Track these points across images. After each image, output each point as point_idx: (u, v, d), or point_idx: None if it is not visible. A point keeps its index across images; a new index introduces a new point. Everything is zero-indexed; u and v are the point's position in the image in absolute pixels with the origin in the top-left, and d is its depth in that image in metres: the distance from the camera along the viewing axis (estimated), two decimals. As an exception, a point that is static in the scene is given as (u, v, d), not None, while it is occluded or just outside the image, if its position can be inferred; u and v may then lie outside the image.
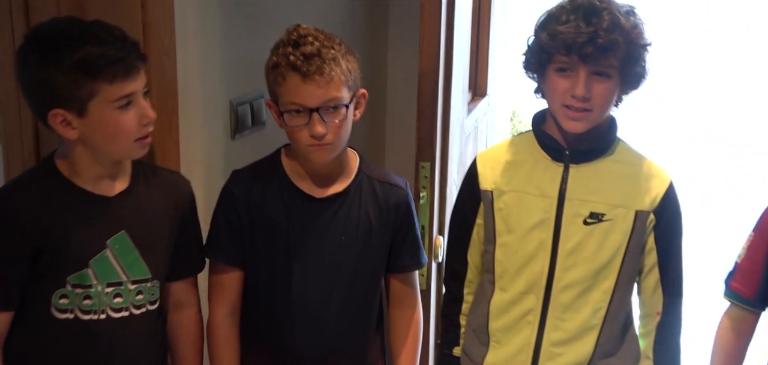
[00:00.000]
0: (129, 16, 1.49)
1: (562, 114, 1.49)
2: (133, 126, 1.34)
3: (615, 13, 1.44)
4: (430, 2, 1.82)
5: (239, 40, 1.88)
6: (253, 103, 1.93)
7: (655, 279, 1.57)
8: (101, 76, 1.29)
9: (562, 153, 1.54)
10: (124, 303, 1.42)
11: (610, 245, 1.52)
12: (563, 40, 1.43)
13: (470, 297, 1.69)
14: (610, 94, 1.48)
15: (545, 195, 1.54)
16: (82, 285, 1.38)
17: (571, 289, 1.54)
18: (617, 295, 1.55)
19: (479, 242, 1.64)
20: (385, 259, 1.63)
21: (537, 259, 1.55)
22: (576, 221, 1.52)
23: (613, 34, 1.42)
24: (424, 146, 1.92)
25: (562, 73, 1.47)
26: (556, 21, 1.46)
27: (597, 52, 1.42)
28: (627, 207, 1.52)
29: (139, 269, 1.43)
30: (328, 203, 1.56)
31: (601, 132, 1.54)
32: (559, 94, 1.47)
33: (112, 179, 1.41)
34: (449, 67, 1.95)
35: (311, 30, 1.48)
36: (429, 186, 1.93)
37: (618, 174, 1.54)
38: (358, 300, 1.62)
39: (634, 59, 1.47)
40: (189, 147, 1.70)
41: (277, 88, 1.48)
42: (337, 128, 1.48)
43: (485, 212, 1.61)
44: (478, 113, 2.73)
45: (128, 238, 1.41)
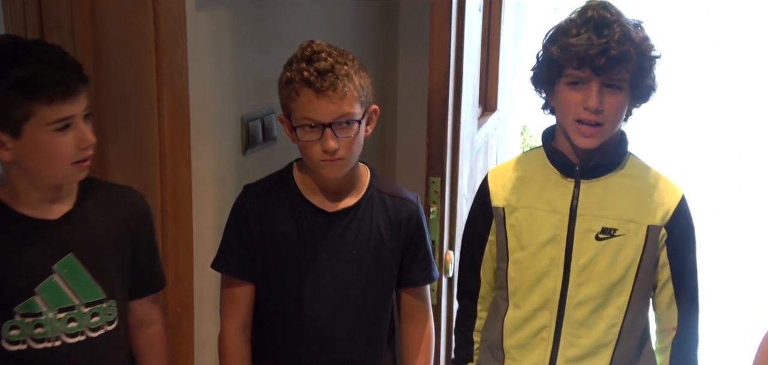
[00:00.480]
0: (142, 35, 1.51)
1: (574, 129, 1.48)
2: (70, 150, 1.29)
3: (625, 25, 1.44)
4: (439, 18, 1.83)
5: (250, 56, 1.89)
6: (263, 118, 1.95)
7: (669, 294, 1.56)
8: (38, 97, 1.24)
9: (573, 169, 1.54)
10: (79, 327, 1.37)
11: (622, 260, 1.51)
12: (576, 52, 1.43)
13: (484, 312, 1.69)
14: (622, 107, 1.48)
15: (556, 211, 1.53)
16: (31, 313, 1.33)
17: (584, 305, 1.53)
18: (632, 311, 1.54)
19: (492, 259, 1.64)
20: (396, 273, 1.63)
21: (550, 275, 1.54)
22: (588, 236, 1.52)
23: (625, 45, 1.42)
24: (434, 161, 1.92)
25: (573, 86, 1.46)
26: (566, 34, 1.46)
27: (610, 64, 1.42)
28: (639, 222, 1.51)
29: (91, 290, 1.38)
30: (340, 217, 1.57)
31: (611, 147, 1.53)
32: (572, 107, 1.47)
33: (54, 202, 1.35)
34: (459, 83, 1.96)
35: (325, 46, 1.49)
36: (439, 201, 1.93)
37: (629, 189, 1.53)
38: (369, 313, 1.62)
39: (645, 71, 1.47)
40: (200, 163, 1.71)
41: (291, 103, 1.49)
42: (349, 144, 1.48)
43: (497, 229, 1.60)
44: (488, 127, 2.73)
45: (76, 260, 1.35)
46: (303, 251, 1.56)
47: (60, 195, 1.36)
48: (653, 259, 1.53)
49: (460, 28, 1.91)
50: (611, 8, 1.46)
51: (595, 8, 1.45)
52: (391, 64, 2.74)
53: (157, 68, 1.53)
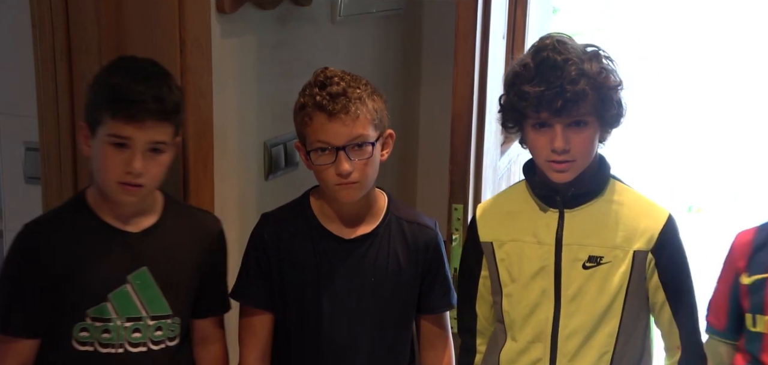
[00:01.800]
0: (168, 59, 1.52)
1: (548, 168, 1.48)
2: (118, 168, 1.34)
3: (578, 62, 1.42)
4: (463, 46, 1.84)
5: (273, 82, 1.90)
6: (286, 144, 1.95)
7: (668, 316, 1.54)
8: (109, 107, 1.33)
9: (555, 199, 1.53)
10: (143, 338, 1.43)
11: (609, 288, 1.50)
12: (531, 99, 1.43)
13: (483, 347, 1.67)
14: (590, 141, 1.47)
15: (542, 243, 1.52)
16: (101, 318, 1.40)
17: (576, 336, 1.52)
18: (622, 338, 1.52)
19: (487, 294, 1.63)
20: (415, 300, 1.62)
21: (541, 307, 1.53)
22: (576, 266, 1.51)
23: (579, 84, 1.41)
24: (457, 188, 1.92)
25: (539, 129, 1.46)
26: (522, 80, 1.45)
27: (567, 105, 1.41)
28: (624, 248, 1.50)
29: (159, 305, 1.44)
30: (357, 245, 1.56)
31: (589, 175, 1.52)
32: (540, 149, 1.47)
33: (137, 215, 1.43)
34: (483, 110, 1.96)
35: (338, 72, 1.50)
36: (461, 228, 1.92)
37: (613, 215, 1.52)
38: (389, 341, 1.61)
39: (607, 103, 1.46)
40: (223, 187, 1.72)
41: (304, 128, 1.50)
42: (363, 166, 1.48)
43: (488, 263, 1.60)
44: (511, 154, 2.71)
45: (149, 274, 1.42)
46: (321, 279, 1.55)
47: (144, 209, 1.43)
48: (642, 284, 1.52)
49: (483, 55, 1.91)
50: (563, 47, 1.44)
51: (547, 49, 1.44)
52: (414, 89, 2.75)
53: (183, 93, 1.53)
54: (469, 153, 1.90)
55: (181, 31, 1.51)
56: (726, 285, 1.58)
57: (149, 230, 1.44)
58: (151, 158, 1.36)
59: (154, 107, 1.33)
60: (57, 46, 1.55)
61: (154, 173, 1.38)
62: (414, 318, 1.65)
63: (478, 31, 1.84)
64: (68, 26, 1.54)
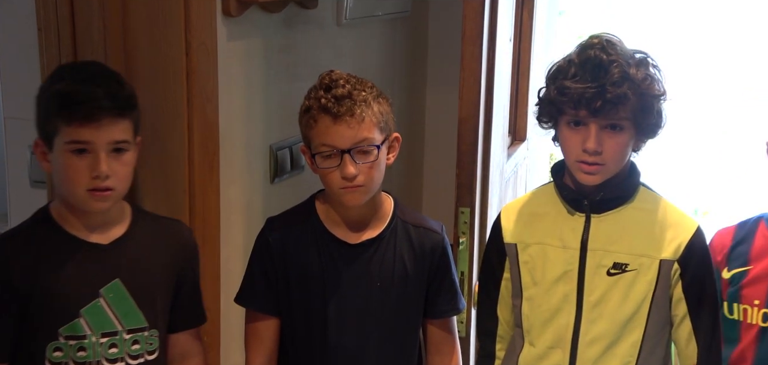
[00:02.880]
0: (173, 64, 1.52)
1: (577, 168, 1.47)
2: (83, 175, 1.30)
3: (624, 65, 1.41)
4: (470, 49, 1.82)
5: (279, 85, 1.90)
6: (292, 147, 1.94)
7: (687, 330, 1.51)
8: (62, 114, 1.28)
9: (582, 203, 1.52)
10: (120, 353, 1.38)
11: (634, 296, 1.48)
12: (572, 95, 1.42)
13: (502, 352, 1.66)
14: (624, 147, 1.46)
15: (567, 247, 1.51)
16: (75, 336, 1.35)
17: (597, 343, 1.50)
18: (646, 348, 1.50)
19: (508, 297, 1.62)
20: (421, 304, 1.61)
21: (562, 312, 1.52)
22: (600, 272, 1.49)
23: (622, 87, 1.40)
24: (463, 191, 1.90)
25: (573, 127, 1.45)
26: (564, 75, 1.44)
27: (606, 106, 1.40)
28: (651, 256, 1.48)
29: (134, 318, 1.39)
30: (363, 249, 1.55)
31: (619, 180, 1.50)
32: (573, 148, 1.46)
33: (105, 227, 1.38)
34: (489, 114, 1.95)
35: (343, 74, 1.50)
36: (468, 232, 1.91)
37: (641, 222, 1.50)
38: (396, 346, 1.60)
39: (647, 110, 1.44)
40: (229, 191, 1.71)
41: (309, 131, 1.49)
42: (368, 170, 1.47)
43: (511, 266, 1.59)
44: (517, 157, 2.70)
45: (123, 286, 1.38)
46: (326, 284, 1.54)
47: (111, 219, 1.39)
48: (666, 294, 1.50)
49: (490, 58, 1.90)
50: (610, 48, 1.43)
51: (594, 48, 1.43)
52: (420, 92, 2.74)
53: (188, 97, 1.54)
54: (475, 157, 1.89)
55: (187, 34, 1.50)
56: None
57: (120, 241, 1.39)
58: (115, 158, 1.32)
59: (108, 104, 1.29)
60: (63, 51, 1.54)
61: (122, 175, 1.34)
62: (421, 323, 1.64)
63: (485, 33, 1.83)
64: (74, 31, 1.54)
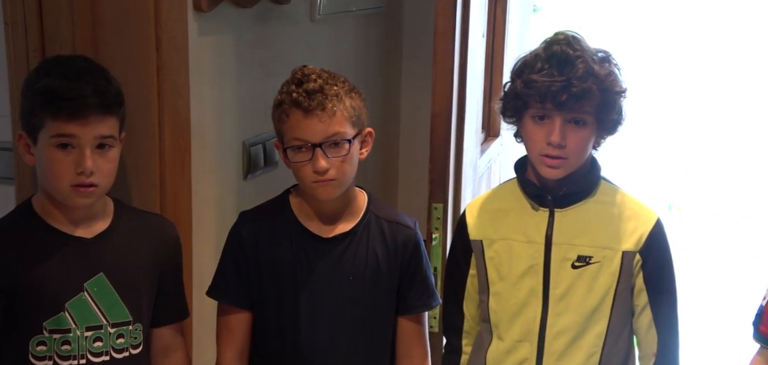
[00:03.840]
0: (143, 58, 1.51)
1: (540, 162, 1.50)
2: (67, 170, 1.30)
3: (588, 61, 1.44)
4: (443, 45, 1.83)
5: (252, 81, 1.89)
6: (265, 143, 1.94)
7: (647, 320, 1.55)
8: (48, 108, 1.29)
9: (545, 198, 1.54)
10: (104, 346, 1.39)
11: (599, 288, 1.51)
12: (538, 88, 1.44)
13: (469, 347, 1.67)
14: (586, 141, 1.49)
15: (532, 241, 1.53)
16: (59, 329, 1.35)
17: (563, 335, 1.52)
18: (610, 338, 1.53)
19: (474, 293, 1.63)
20: (394, 299, 1.61)
21: (529, 306, 1.54)
22: (564, 265, 1.52)
23: (587, 82, 1.43)
24: (436, 187, 1.92)
25: (538, 121, 1.48)
26: (531, 69, 1.47)
27: (571, 100, 1.43)
28: (614, 249, 1.51)
29: (119, 312, 1.40)
30: (336, 243, 1.55)
31: (581, 175, 1.53)
32: (537, 141, 1.48)
33: (89, 221, 1.39)
34: (462, 109, 1.96)
35: (316, 69, 1.50)
36: (441, 228, 1.92)
37: (603, 215, 1.53)
38: (369, 341, 1.60)
39: (609, 106, 1.47)
40: (201, 187, 1.70)
41: (282, 125, 1.50)
42: (340, 163, 1.48)
43: (477, 262, 1.60)
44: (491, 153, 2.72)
45: (107, 280, 1.38)
46: (299, 278, 1.54)
47: (94, 214, 1.39)
48: (629, 285, 1.53)
49: (463, 54, 1.91)
50: (576, 44, 1.46)
51: (560, 43, 1.46)
52: (395, 88, 2.74)
53: (159, 92, 1.53)
54: (448, 152, 1.90)
55: (157, 29, 1.49)
56: None
57: (103, 235, 1.40)
58: (100, 154, 1.32)
59: (96, 101, 1.30)
60: (30, 44, 1.52)
61: (106, 171, 1.34)
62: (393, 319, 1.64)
63: (458, 30, 1.84)
64: (42, 24, 1.52)
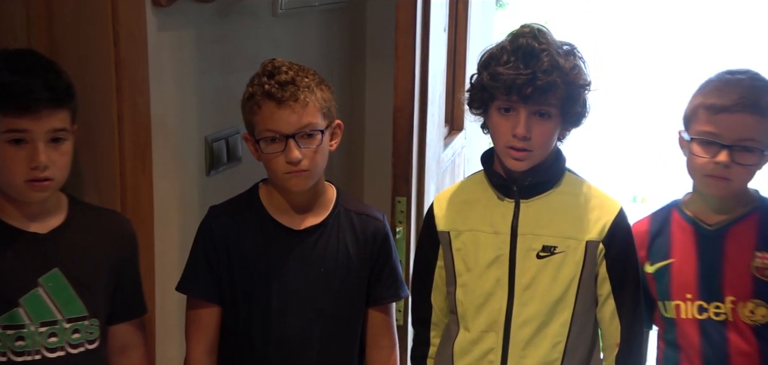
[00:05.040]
0: (101, 54, 1.49)
1: (506, 154, 1.52)
2: (21, 166, 1.30)
3: (554, 54, 1.46)
4: (404, 39, 1.84)
5: (214, 76, 1.88)
6: (228, 139, 1.93)
7: (611, 309, 1.57)
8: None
9: (511, 189, 1.56)
10: (60, 342, 1.38)
11: (563, 277, 1.53)
12: (504, 81, 1.46)
13: (437, 339, 1.69)
14: (550, 133, 1.51)
15: (498, 232, 1.55)
16: (13, 325, 1.34)
17: (529, 325, 1.54)
18: (575, 328, 1.55)
19: (442, 285, 1.64)
20: (364, 291, 1.62)
21: (495, 296, 1.55)
22: (530, 255, 1.53)
23: (552, 75, 1.45)
24: (399, 181, 1.93)
25: (504, 113, 1.49)
26: (497, 62, 1.49)
27: (537, 93, 1.45)
28: (578, 238, 1.53)
29: (74, 307, 1.39)
30: (306, 235, 1.56)
31: (546, 166, 1.55)
32: (502, 133, 1.50)
33: (43, 216, 1.38)
34: (424, 103, 1.97)
35: (285, 62, 1.51)
36: (405, 221, 1.93)
37: (567, 206, 1.55)
38: (339, 333, 1.61)
39: (574, 99, 1.50)
40: (163, 184, 1.69)
41: (253, 117, 1.50)
42: (312, 154, 1.49)
43: (444, 253, 1.62)
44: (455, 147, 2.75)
45: (62, 276, 1.37)
46: (270, 270, 1.55)
47: (48, 209, 1.38)
48: (593, 274, 1.55)
49: (424, 48, 1.92)
50: (541, 37, 1.48)
51: (525, 36, 1.48)
52: (359, 83, 2.75)
53: (117, 88, 1.51)
54: (411, 146, 1.92)
55: (114, 24, 1.48)
56: None
57: (58, 230, 1.39)
58: (54, 148, 1.32)
59: (47, 95, 1.30)
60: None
61: (60, 164, 1.34)
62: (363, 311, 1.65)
63: (418, 24, 1.85)
64: (-4, 19, 1.50)
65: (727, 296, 1.56)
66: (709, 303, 1.58)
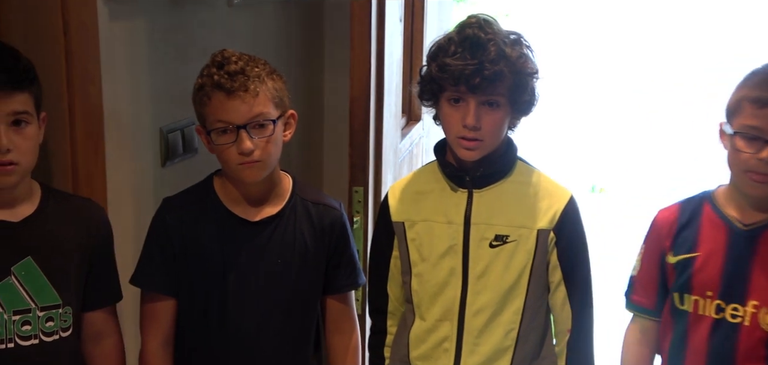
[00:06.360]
0: (51, 44, 1.47)
1: (457, 144, 1.53)
2: None
3: (500, 44, 1.48)
4: (359, 28, 1.85)
5: (169, 66, 1.86)
6: (184, 130, 1.92)
7: (562, 296, 1.60)
8: None
9: (464, 179, 1.58)
10: (33, 330, 1.38)
11: (515, 265, 1.55)
12: (452, 72, 1.47)
13: (393, 328, 1.70)
14: (500, 122, 1.53)
15: (452, 222, 1.57)
16: None
17: (482, 313, 1.56)
18: (527, 315, 1.58)
19: (398, 274, 1.66)
20: (321, 281, 1.63)
21: (449, 285, 1.57)
22: (483, 245, 1.55)
23: (499, 64, 1.46)
24: (356, 171, 1.94)
25: (454, 104, 1.51)
26: (444, 53, 1.50)
27: (484, 83, 1.46)
28: (529, 227, 1.55)
29: (48, 295, 1.39)
30: (263, 226, 1.56)
31: (497, 156, 1.57)
32: (453, 124, 1.52)
33: (14, 204, 1.38)
34: (381, 93, 1.98)
35: (235, 52, 1.51)
36: (362, 211, 1.94)
37: (519, 195, 1.58)
38: (296, 323, 1.61)
39: (522, 88, 1.52)
40: (117, 175, 1.68)
41: (204, 109, 1.49)
42: (265, 144, 1.48)
43: (399, 243, 1.63)
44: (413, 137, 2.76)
45: (35, 264, 1.38)
46: (226, 263, 1.54)
47: (20, 197, 1.37)
48: (544, 263, 1.57)
49: (380, 37, 1.93)
50: (488, 27, 1.50)
51: (472, 27, 1.50)
52: (317, 73, 2.74)
53: (68, 78, 1.49)
54: (368, 136, 1.93)
55: (64, 14, 1.46)
56: (653, 263, 1.61)
57: (30, 219, 1.39)
58: (16, 131, 1.32)
59: (3, 77, 1.29)
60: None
61: (24, 148, 1.33)
62: (319, 300, 1.66)
63: (374, 13, 1.86)
64: (-58, 10, 1.47)
65: (751, 300, 1.49)
66: (727, 304, 1.51)
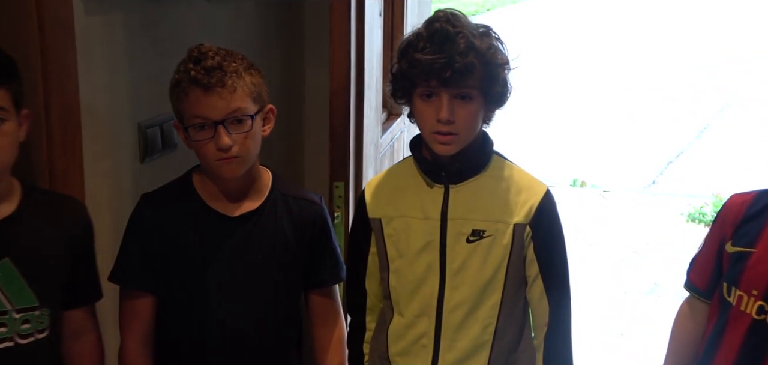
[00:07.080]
0: (26, 38, 1.45)
1: (432, 140, 1.53)
2: None
3: (469, 36, 1.48)
4: (339, 23, 1.85)
5: (147, 62, 1.85)
6: (162, 125, 1.91)
7: (539, 289, 1.60)
8: None
9: (440, 175, 1.58)
10: (9, 332, 1.36)
11: (492, 260, 1.56)
12: (422, 67, 1.47)
13: (372, 324, 1.70)
14: (474, 115, 1.52)
15: (429, 218, 1.57)
16: None
17: (460, 308, 1.57)
18: (505, 310, 1.58)
19: (376, 270, 1.66)
20: (302, 276, 1.63)
21: (427, 281, 1.58)
22: (460, 240, 1.56)
23: (469, 56, 1.46)
24: (337, 166, 1.94)
25: (427, 99, 1.51)
26: (414, 48, 1.50)
27: (455, 76, 1.46)
28: (505, 222, 1.56)
29: (25, 297, 1.37)
30: (243, 222, 1.55)
31: (473, 151, 1.57)
32: (427, 119, 1.51)
33: None
34: (361, 88, 1.98)
35: (213, 47, 1.50)
36: (343, 206, 1.94)
37: (495, 190, 1.58)
38: (278, 319, 1.61)
39: (493, 79, 1.51)
40: (94, 171, 1.66)
41: (181, 105, 1.48)
42: (243, 140, 1.48)
43: (377, 240, 1.63)
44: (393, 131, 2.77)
45: (12, 266, 1.36)
46: (206, 259, 1.54)
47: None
48: (521, 256, 1.58)
49: (359, 32, 1.93)
50: (456, 21, 1.49)
51: (440, 21, 1.49)
52: (298, 68, 2.74)
53: (44, 73, 1.47)
54: (348, 131, 1.93)
55: (39, 9, 1.44)
56: (713, 248, 1.59)
57: (9, 219, 1.36)
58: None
59: None
60: None
61: (2, 144, 1.31)
62: (304, 294, 1.66)
63: (353, 7, 1.86)
64: None
65: None
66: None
